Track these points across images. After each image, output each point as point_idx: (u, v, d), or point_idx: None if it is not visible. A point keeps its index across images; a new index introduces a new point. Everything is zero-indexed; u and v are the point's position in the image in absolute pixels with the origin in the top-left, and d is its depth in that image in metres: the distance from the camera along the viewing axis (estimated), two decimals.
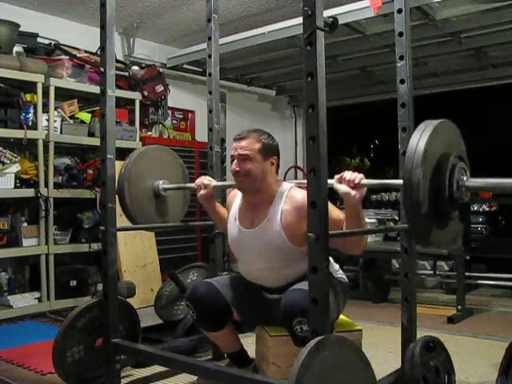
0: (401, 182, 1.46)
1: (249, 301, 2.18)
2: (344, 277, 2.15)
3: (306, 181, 1.97)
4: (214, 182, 2.34)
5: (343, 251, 1.92)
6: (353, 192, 1.71)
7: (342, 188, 1.73)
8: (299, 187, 2.07)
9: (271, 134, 2.10)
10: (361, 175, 1.72)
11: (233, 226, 2.18)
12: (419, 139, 1.43)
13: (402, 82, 2.13)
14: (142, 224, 2.53)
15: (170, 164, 2.65)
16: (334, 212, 1.87)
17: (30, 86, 3.72)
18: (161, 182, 2.54)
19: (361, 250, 1.93)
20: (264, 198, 2.06)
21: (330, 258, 1.75)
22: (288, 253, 2.00)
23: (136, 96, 4.43)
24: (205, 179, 2.33)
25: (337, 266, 2.16)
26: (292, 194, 2.02)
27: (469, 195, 1.52)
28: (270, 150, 2.04)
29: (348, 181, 1.71)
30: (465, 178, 1.50)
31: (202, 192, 2.30)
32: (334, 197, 1.99)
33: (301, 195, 1.96)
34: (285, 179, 2.56)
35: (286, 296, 1.88)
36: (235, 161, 2.03)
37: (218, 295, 2.12)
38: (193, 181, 2.47)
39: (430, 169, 1.44)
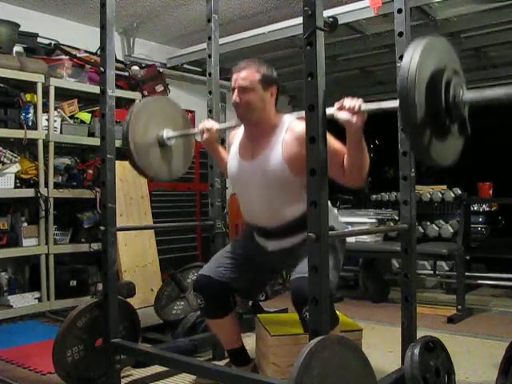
0: (398, 103, 1.45)
1: (250, 263, 2.19)
2: (342, 224, 2.19)
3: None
4: (217, 125, 2.35)
5: (343, 183, 1.91)
6: (354, 118, 1.70)
7: (343, 115, 1.72)
8: (300, 119, 2.03)
9: (271, 65, 2.10)
10: (360, 100, 1.71)
11: (233, 161, 2.18)
12: (411, 57, 1.42)
13: None
14: (150, 176, 2.56)
15: (171, 113, 2.62)
16: (334, 143, 1.87)
17: (30, 86, 3.72)
18: (164, 131, 2.51)
19: (361, 180, 1.92)
20: (265, 129, 2.06)
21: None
22: (288, 184, 2.00)
23: (136, 96, 4.42)
24: (207, 123, 2.34)
25: (335, 211, 2.16)
26: (293, 125, 2.02)
27: (467, 108, 1.51)
28: (270, 81, 2.05)
29: (349, 108, 1.70)
30: (461, 92, 1.50)
31: (205, 136, 2.32)
32: None
33: (301, 126, 1.94)
34: None
35: (295, 282, 1.90)
36: (235, 92, 2.04)
37: (219, 277, 2.16)
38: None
39: (425, 84, 1.43)
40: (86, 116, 4.11)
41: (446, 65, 1.51)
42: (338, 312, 2.29)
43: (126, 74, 4.47)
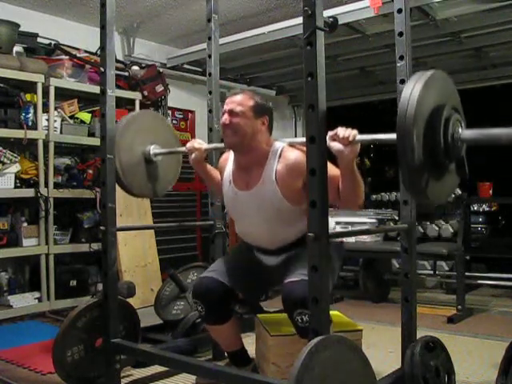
0: (394, 136, 1.42)
1: (248, 274, 2.18)
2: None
3: (297, 139, 1.98)
4: (205, 145, 2.34)
5: (340, 206, 1.93)
6: (347, 150, 1.69)
7: (336, 146, 1.70)
8: (292, 146, 2.05)
9: (265, 97, 2.12)
10: (354, 131, 1.69)
11: (228, 189, 2.17)
12: (411, 91, 1.40)
13: (402, 81, 2.12)
14: (135, 194, 2.49)
15: (158, 128, 2.60)
16: (330, 169, 1.84)
17: (30, 86, 3.72)
18: (151, 147, 2.48)
19: (356, 206, 1.94)
20: (255, 159, 2.04)
21: None
22: (285, 212, 2.00)
23: (136, 96, 4.43)
24: (195, 142, 2.32)
25: None
26: (285, 153, 2.01)
27: (464, 147, 1.49)
28: (262, 110, 2.04)
29: (342, 138, 1.69)
30: (460, 130, 1.47)
31: (194, 155, 2.30)
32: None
33: (293, 154, 1.97)
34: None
35: (286, 286, 1.89)
36: (225, 114, 2.03)
37: (220, 284, 2.13)
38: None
39: (424, 122, 1.41)
40: (86, 116, 4.11)
41: (447, 101, 1.48)
42: (338, 312, 2.30)
43: (126, 73, 4.47)
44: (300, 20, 1.57)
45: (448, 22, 3.76)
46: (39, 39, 4.03)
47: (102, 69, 2.27)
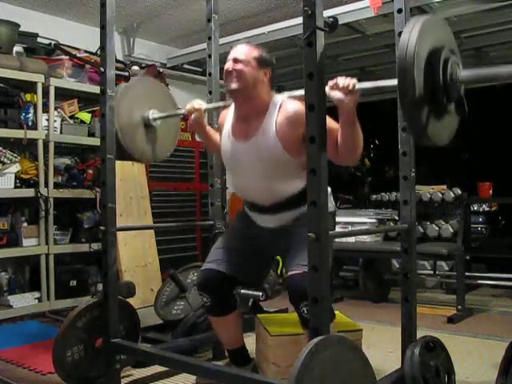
0: (395, 81, 1.45)
1: (246, 255, 2.17)
2: (333, 208, 2.17)
3: (296, 92, 1.98)
4: (205, 105, 2.35)
5: (336, 162, 1.92)
6: (347, 98, 1.70)
7: (336, 95, 1.71)
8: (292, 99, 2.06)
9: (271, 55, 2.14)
10: (354, 80, 1.70)
11: (226, 142, 2.17)
12: (410, 34, 1.42)
13: None
14: (136, 158, 2.52)
15: (157, 94, 2.63)
16: (329, 122, 1.85)
17: (30, 86, 3.72)
18: (150, 111, 2.51)
19: (354, 160, 1.93)
20: (255, 109, 2.05)
21: None
22: (283, 164, 1.99)
23: None
24: (195, 103, 2.34)
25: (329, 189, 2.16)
26: (285, 105, 2.02)
27: (463, 87, 1.53)
28: (266, 62, 2.06)
29: (342, 87, 1.70)
30: (458, 71, 1.51)
31: (193, 116, 2.32)
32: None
33: (293, 105, 1.97)
34: None
35: (292, 279, 1.90)
36: (230, 62, 2.05)
37: (218, 273, 2.14)
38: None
39: (423, 62, 1.44)
40: (86, 116, 4.11)
41: (444, 43, 1.52)
42: (338, 312, 2.29)
43: (126, 74, 4.46)
44: (300, 20, 1.57)
45: (448, 22, 3.76)
46: (39, 39, 4.03)
47: (102, 69, 2.27)
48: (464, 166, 6.14)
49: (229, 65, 2.04)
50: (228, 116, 2.22)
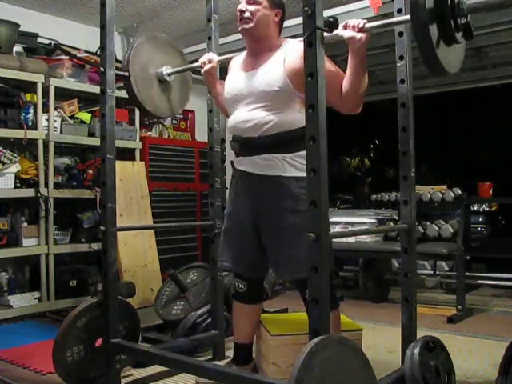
0: (408, 17, 1.61)
1: (246, 246, 2.17)
2: None
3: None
4: (218, 57, 2.45)
5: (340, 109, 1.95)
6: (358, 35, 1.78)
7: (347, 33, 1.79)
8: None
9: None
10: (364, 20, 1.78)
11: (233, 74, 2.23)
12: None
13: (402, 81, 2.13)
14: (151, 110, 2.66)
15: (169, 51, 2.76)
16: (332, 67, 1.92)
17: (30, 86, 3.72)
18: (164, 67, 2.66)
19: (357, 107, 1.96)
20: (267, 47, 2.10)
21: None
22: (285, 96, 2.00)
23: None
24: (209, 55, 2.45)
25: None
26: (294, 44, 2.06)
27: (469, 16, 1.66)
28: (277, 3, 2.12)
29: (353, 26, 1.78)
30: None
31: (207, 67, 2.41)
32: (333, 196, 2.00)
33: (302, 45, 2.00)
34: None
35: (294, 279, 1.99)
36: (243, 2, 2.09)
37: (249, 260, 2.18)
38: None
39: None
40: (86, 116, 4.11)
41: None
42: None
43: (126, 73, 4.46)
44: (300, 20, 1.57)
45: None
46: (39, 39, 4.03)
47: (102, 69, 2.27)
48: (464, 166, 6.16)
49: (242, 5, 2.09)
50: (238, 60, 2.28)
